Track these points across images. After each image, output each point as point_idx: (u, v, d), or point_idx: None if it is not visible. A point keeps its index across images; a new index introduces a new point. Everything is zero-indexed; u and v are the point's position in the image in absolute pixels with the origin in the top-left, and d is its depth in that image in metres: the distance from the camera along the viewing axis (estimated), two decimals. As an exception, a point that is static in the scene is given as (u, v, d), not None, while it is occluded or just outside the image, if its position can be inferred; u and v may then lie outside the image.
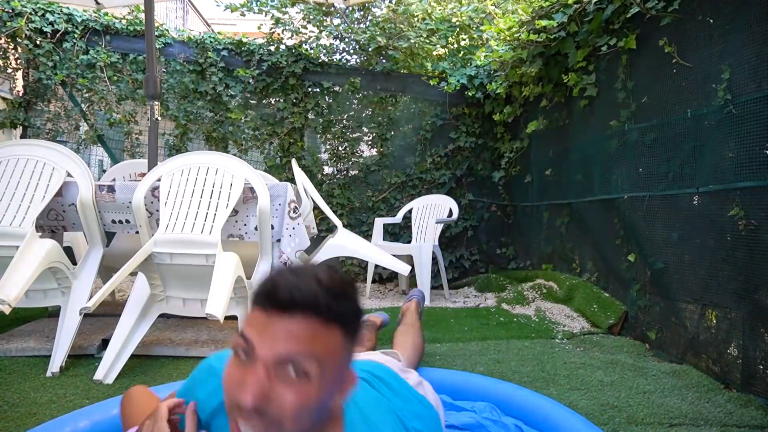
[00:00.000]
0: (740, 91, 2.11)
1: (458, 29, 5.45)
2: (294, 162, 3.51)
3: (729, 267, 2.19)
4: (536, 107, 4.18)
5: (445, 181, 5.21)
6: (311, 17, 5.45)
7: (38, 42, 4.73)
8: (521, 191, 4.75)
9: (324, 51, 5.41)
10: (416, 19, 5.40)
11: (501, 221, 5.21)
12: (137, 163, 3.83)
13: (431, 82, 5.09)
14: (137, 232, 2.47)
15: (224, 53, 5.00)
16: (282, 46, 5.17)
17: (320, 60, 5.18)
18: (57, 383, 2.03)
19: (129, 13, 5.08)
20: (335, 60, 5.45)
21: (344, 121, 5.29)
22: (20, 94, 4.92)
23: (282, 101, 5.13)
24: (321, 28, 5.48)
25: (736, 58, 2.14)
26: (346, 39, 5.57)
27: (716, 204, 2.25)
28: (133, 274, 2.34)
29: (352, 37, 5.48)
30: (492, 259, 5.19)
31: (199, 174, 2.47)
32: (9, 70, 4.89)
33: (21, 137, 4.88)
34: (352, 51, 5.62)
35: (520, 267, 4.76)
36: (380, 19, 5.52)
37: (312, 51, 5.31)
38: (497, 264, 5.17)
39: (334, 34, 5.54)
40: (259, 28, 5.44)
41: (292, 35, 5.40)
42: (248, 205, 2.50)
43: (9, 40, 4.74)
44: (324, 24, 5.50)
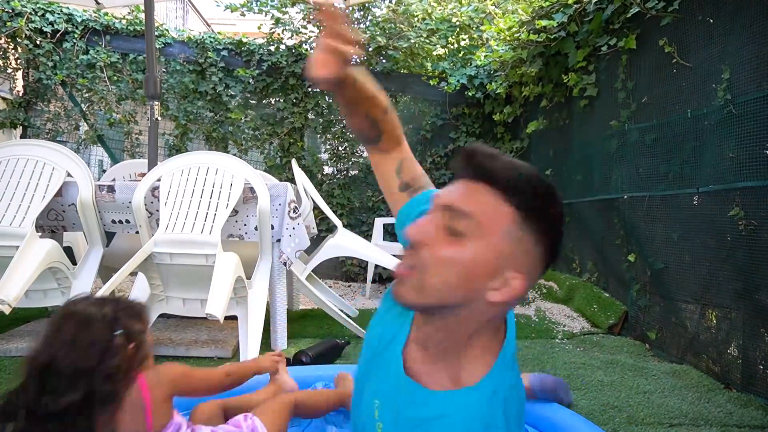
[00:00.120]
0: (740, 91, 2.11)
1: (458, 29, 5.45)
2: (294, 162, 3.50)
3: (729, 267, 2.19)
4: (536, 107, 4.18)
5: (446, 181, 5.20)
6: (311, 17, 5.44)
7: (38, 42, 4.73)
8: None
9: (324, 51, 5.41)
10: (416, 19, 5.40)
11: (501, 221, 5.20)
12: (137, 163, 3.83)
13: (431, 82, 5.09)
14: (137, 232, 2.47)
15: (224, 53, 4.99)
16: (282, 46, 5.17)
17: (320, 60, 5.18)
18: (57, 383, 2.02)
19: (129, 13, 5.08)
20: (335, 60, 5.45)
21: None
22: (20, 94, 4.92)
23: (282, 101, 5.13)
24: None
25: (736, 58, 2.14)
26: (346, 39, 5.57)
27: (716, 204, 2.25)
28: (133, 274, 2.34)
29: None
30: (492, 259, 5.19)
31: (199, 174, 2.47)
32: (9, 70, 4.90)
33: (21, 137, 4.88)
34: (352, 51, 5.62)
35: (520, 267, 4.76)
36: (380, 19, 5.51)
37: (312, 51, 5.30)
38: (497, 264, 5.16)
39: (335, 34, 5.53)
40: (259, 28, 5.43)
41: (292, 35, 5.40)
42: (248, 205, 2.50)
43: (9, 40, 4.74)
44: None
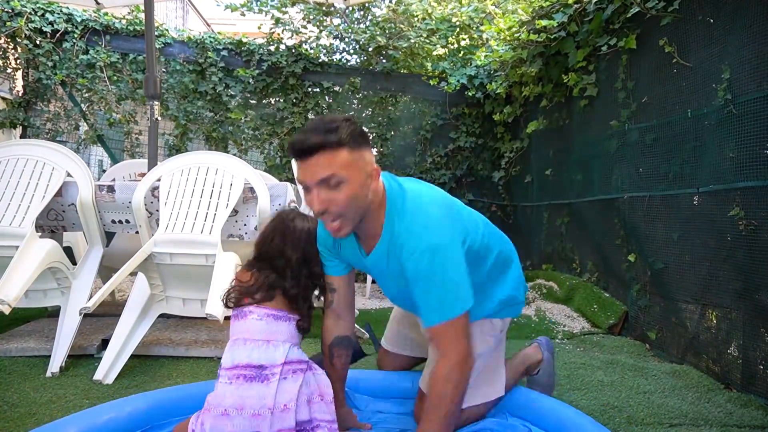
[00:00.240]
0: (740, 91, 2.11)
1: (458, 29, 5.45)
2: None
3: (729, 267, 2.19)
4: (536, 107, 4.18)
5: (445, 181, 5.20)
6: (311, 17, 5.45)
7: (38, 42, 4.73)
8: (521, 191, 4.75)
9: (324, 51, 5.41)
10: (416, 19, 5.40)
11: (501, 221, 5.20)
12: (137, 163, 3.83)
13: (431, 82, 5.09)
14: (137, 232, 2.47)
15: (224, 53, 4.99)
16: (282, 46, 5.17)
17: (320, 60, 5.18)
18: (57, 383, 2.03)
19: (129, 13, 5.08)
20: (335, 60, 5.45)
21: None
22: (20, 94, 4.92)
23: (282, 101, 5.13)
24: (321, 28, 5.48)
25: (736, 58, 2.14)
26: (346, 39, 5.57)
27: (716, 204, 2.25)
28: (133, 274, 2.34)
29: (352, 37, 5.48)
30: (492, 259, 5.19)
31: (199, 174, 2.47)
32: (9, 70, 4.90)
33: (21, 137, 4.88)
34: (352, 51, 5.62)
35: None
36: (380, 19, 5.52)
37: (312, 51, 5.31)
38: (497, 264, 5.16)
39: (334, 34, 5.54)
40: (259, 28, 5.44)
41: (292, 35, 5.40)
42: (248, 205, 2.50)
43: (9, 40, 4.74)
44: (324, 24, 5.50)
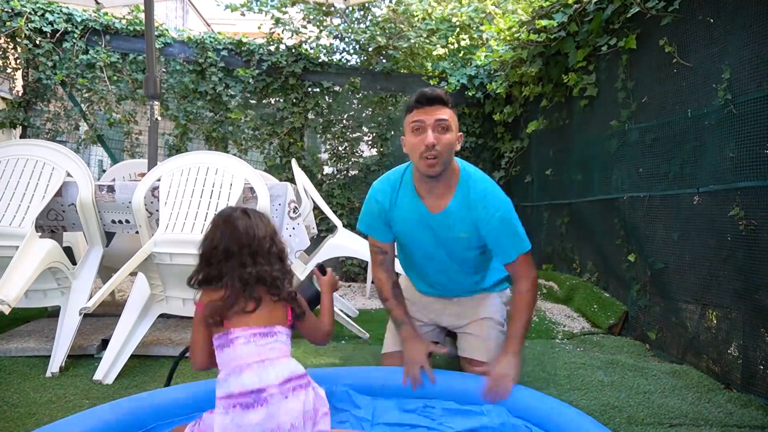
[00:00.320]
0: (740, 91, 2.11)
1: (458, 29, 5.45)
2: (294, 162, 3.50)
3: (729, 267, 2.19)
4: (536, 107, 4.18)
5: (445, 181, 5.20)
6: (311, 17, 5.45)
7: (38, 42, 4.73)
8: (521, 191, 4.75)
9: (324, 51, 5.41)
10: (416, 19, 5.40)
11: (501, 221, 5.20)
12: (137, 163, 3.83)
13: (431, 82, 5.09)
14: (137, 232, 2.47)
15: (224, 53, 4.99)
16: (282, 46, 5.17)
17: (320, 60, 5.18)
18: (57, 383, 2.03)
19: (129, 13, 5.07)
20: (335, 60, 5.45)
21: (344, 121, 5.29)
22: (20, 94, 4.91)
23: (282, 101, 5.12)
24: (321, 28, 5.48)
25: (736, 58, 2.14)
26: (346, 39, 5.57)
27: (716, 204, 2.25)
28: (133, 274, 2.34)
29: (352, 37, 5.48)
30: (492, 259, 5.19)
31: (199, 174, 2.47)
32: (9, 70, 4.89)
33: (21, 137, 4.87)
34: (352, 51, 5.62)
35: (520, 267, 4.76)
36: (380, 19, 5.51)
37: (312, 51, 5.31)
38: (497, 264, 5.15)
39: (334, 34, 5.53)
40: (259, 28, 5.43)
41: (292, 35, 5.40)
42: (248, 205, 2.50)
43: (9, 40, 4.73)
44: (324, 24, 5.49)
